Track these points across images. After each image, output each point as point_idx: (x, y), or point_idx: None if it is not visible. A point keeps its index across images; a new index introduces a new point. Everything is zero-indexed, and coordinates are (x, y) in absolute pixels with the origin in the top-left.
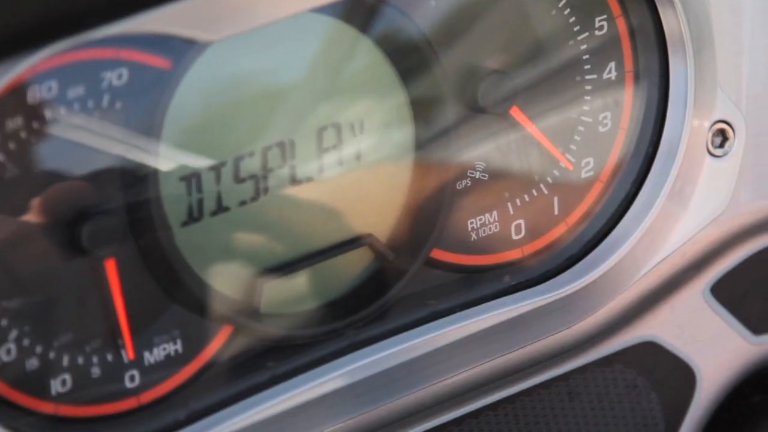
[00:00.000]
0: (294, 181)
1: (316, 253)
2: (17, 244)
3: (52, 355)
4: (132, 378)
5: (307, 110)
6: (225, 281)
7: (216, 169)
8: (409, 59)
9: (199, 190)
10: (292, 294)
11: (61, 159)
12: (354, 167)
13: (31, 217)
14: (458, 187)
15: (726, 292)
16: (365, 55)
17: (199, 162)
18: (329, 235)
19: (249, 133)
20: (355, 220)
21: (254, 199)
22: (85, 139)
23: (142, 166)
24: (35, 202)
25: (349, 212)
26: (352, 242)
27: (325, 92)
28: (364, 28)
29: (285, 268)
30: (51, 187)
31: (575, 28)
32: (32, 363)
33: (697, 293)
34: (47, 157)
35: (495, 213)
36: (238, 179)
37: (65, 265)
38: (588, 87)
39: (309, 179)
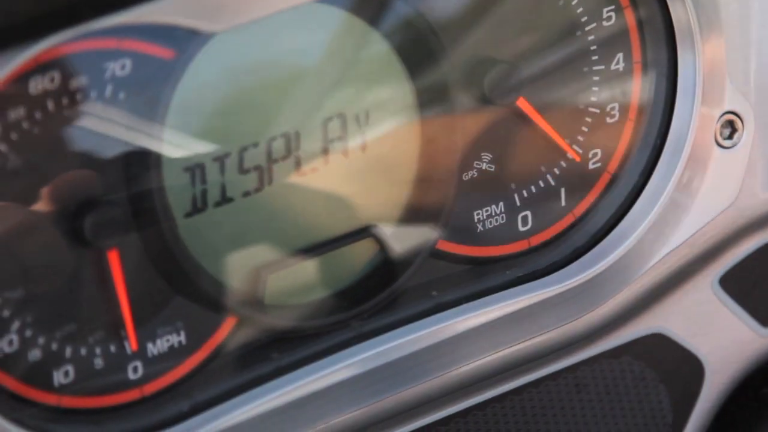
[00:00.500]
0: (298, 172)
1: (320, 244)
2: (20, 235)
3: (54, 346)
4: (135, 369)
5: (312, 101)
6: (229, 272)
7: (220, 160)
8: (415, 50)
9: (203, 180)
10: (297, 285)
11: (63, 149)
12: (359, 158)
13: (34, 207)
14: (464, 179)
15: (735, 284)
16: (372, 46)
17: (203, 152)
18: (334, 226)
19: (253, 124)
20: (360, 211)
21: (258, 190)
22: (88, 129)
23: (145, 157)
24: (38, 192)
25: (354, 203)
26: (358, 233)
27: (330, 83)
28: (371, 19)
29: (289, 259)
30: (54, 177)
31: (583, 19)
32: (35, 354)
33: (705, 285)
34: (50, 147)
35: (501, 204)
36: (243, 170)
37: (68, 256)
38: (596, 78)
39: (314, 170)
